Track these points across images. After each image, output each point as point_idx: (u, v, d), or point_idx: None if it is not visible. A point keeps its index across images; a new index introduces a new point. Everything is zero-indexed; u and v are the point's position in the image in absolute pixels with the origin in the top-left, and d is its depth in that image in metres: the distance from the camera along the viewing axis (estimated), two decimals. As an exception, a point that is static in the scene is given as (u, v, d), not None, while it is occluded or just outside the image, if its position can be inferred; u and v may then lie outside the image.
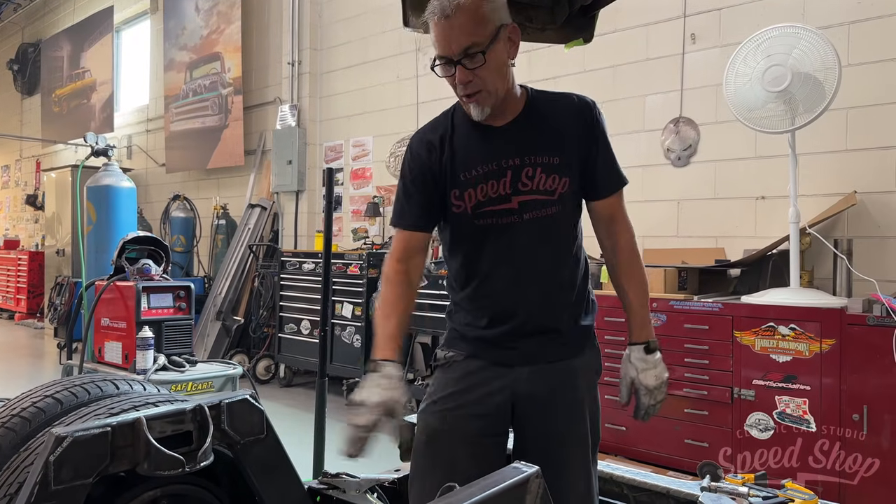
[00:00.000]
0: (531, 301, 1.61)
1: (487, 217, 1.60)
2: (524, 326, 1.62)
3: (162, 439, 1.38)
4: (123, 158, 9.72)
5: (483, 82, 1.50)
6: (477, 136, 1.61)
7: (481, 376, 1.64)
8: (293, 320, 5.92)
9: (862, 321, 2.94)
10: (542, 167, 1.57)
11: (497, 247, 1.61)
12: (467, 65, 1.48)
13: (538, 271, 1.61)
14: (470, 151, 1.61)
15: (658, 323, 3.50)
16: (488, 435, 1.62)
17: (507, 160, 1.57)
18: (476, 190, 1.59)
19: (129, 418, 1.35)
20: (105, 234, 4.79)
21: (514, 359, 1.63)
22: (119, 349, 3.21)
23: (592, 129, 1.61)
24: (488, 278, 1.64)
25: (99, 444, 1.29)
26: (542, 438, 1.62)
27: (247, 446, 1.53)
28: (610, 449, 3.62)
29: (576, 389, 1.64)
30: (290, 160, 6.69)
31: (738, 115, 3.38)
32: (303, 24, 6.84)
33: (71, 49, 10.85)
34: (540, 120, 1.60)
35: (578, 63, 4.67)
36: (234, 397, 1.52)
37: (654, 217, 4.38)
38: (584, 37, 2.26)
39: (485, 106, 1.53)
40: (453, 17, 1.45)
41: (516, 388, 1.62)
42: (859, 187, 3.63)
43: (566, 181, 1.58)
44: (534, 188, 1.57)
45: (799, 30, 3.23)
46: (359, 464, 3.89)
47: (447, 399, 1.65)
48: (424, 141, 1.67)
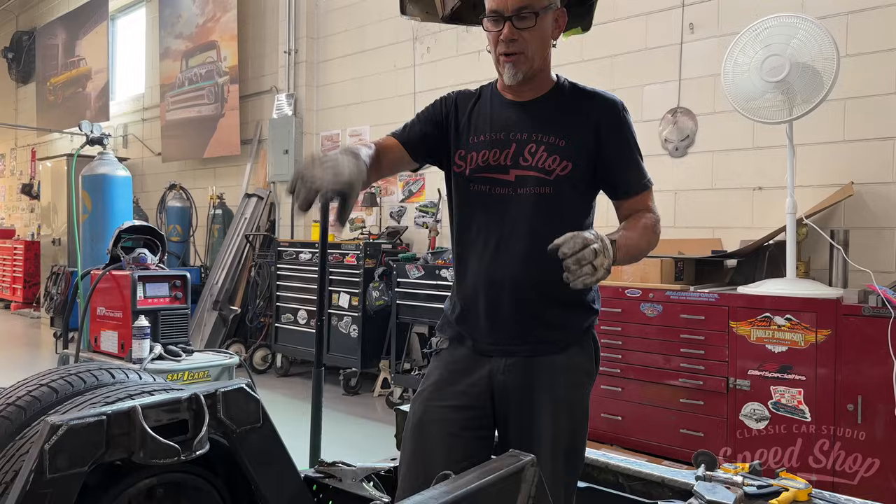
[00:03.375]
0: (514, 281, 1.58)
1: (482, 183, 1.61)
2: (502, 307, 1.58)
3: (157, 428, 1.38)
4: (119, 147, 9.68)
5: (525, 45, 1.54)
6: (497, 105, 1.66)
7: (463, 365, 1.63)
8: (290, 310, 5.92)
9: (857, 312, 2.95)
10: (545, 146, 1.57)
11: (487, 216, 1.61)
12: (517, 24, 1.52)
13: (526, 250, 1.57)
14: (484, 118, 1.65)
15: (654, 313, 3.51)
16: (471, 428, 1.59)
17: (515, 133, 1.60)
18: (478, 154, 1.62)
19: (124, 407, 1.35)
20: (100, 224, 4.77)
21: (492, 347, 1.61)
22: (115, 338, 3.21)
23: (613, 127, 1.60)
24: (473, 248, 1.63)
25: (94, 432, 1.29)
26: (517, 438, 1.57)
27: (242, 435, 1.53)
28: (605, 438, 3.64)
29: (554, 389, 1.56)
30: (287, 150, 6.66)
31: (735, 105, 3.38)
32: (299, 12, 6.79)
33: (66, 37, 10.77)
34: (559, 103, 1.62)
35: (577, 52, 4.65)
36: (229, 386, 1.52)
37: (652, 207, 4.37)
38: (582, 25, 2.25)
39: (519, 70, 1.56)
40: None
41: (494, 379, 1.59)
42: (856, 178, 3.63)
43: (567, 165, 1.57)
44: (533, 164, 1.58)
45: (797, 19, 3.21)
46: (355, 453, 3.90)
47: (431, 389, 1.65)
48: (453, 97, 1.72)
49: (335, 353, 5.49)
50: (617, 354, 3.58)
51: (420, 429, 1.62)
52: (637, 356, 3.56)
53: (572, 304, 1.63)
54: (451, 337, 1.69)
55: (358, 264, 5.40)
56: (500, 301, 1.60)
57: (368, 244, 5.46)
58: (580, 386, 1.62)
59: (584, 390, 1.63)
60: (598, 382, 1.70)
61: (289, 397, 5.25)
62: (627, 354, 3.58)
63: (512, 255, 1.59)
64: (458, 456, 1.55)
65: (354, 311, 5.38)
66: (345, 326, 5.45)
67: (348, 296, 5.44)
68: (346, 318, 5.44)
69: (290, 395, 5.32)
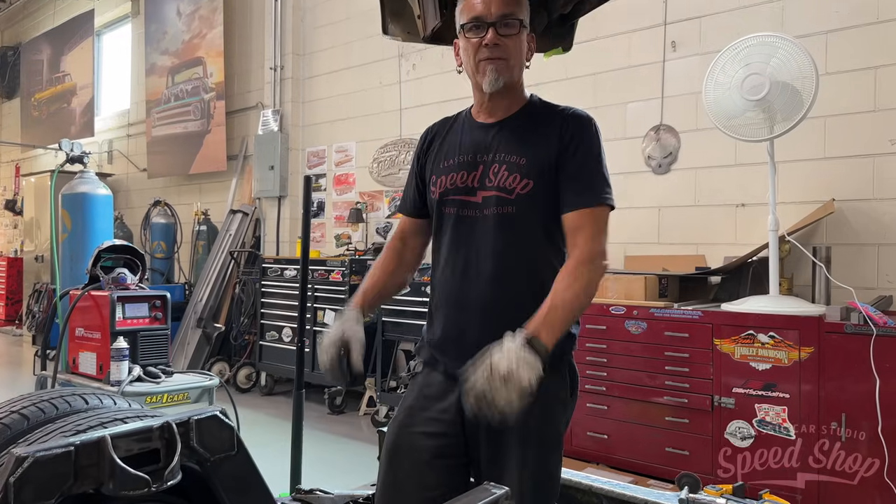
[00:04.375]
0: (481, 303, 1.56)
1: (451, 206, 1.62)
2: (472, 331, 1.56)
3: (128, 458, 1.35)
4: (104, 163, 9.63)
5: (508, 52, 1.56)
6: (468, 129, 1.67)
7: (436, 390, 1.60)
8: (274, 328, 5.87)
9: (840, 329, 2.95)
10: (507, 165, 1.57)
11: (456, 238, 1.61)
12: (500, 30, 1.54)
13: (492, 272, 1.55)
14: (455, 142, 1.67)
15: (639, 331, 3.50)
16: (443, 456, 1.55)
17: (482, 155, 1.61)
18: (447, 177, 1.63)
19: (93, 437, 1.32)
20: (80, 243, 4.72)
21: (461, 371, 1.53)
22: (93, 360, 3.15)
23: (570, 138, 1.56)
24: (443, 271, 1.64)
25: (62, 463, 1.26)
26: (488, 466, 1.54)
27: (217, 463, 1.50)
28: (591, 457, 3.62)
29: (524, 415, 1.39)
30: (273, 165, 6.65)
31: (717, 123, 3.40)
32: (285, 28, 6.81)
33: (51, 53, 10.72)
34: (528, 121, 1.62)
35: (560, 70, 4.68)
36: (203, 413, 1.49)
37: (636, 224, 4.39)
38: (563, 46, 2.26)
39: (500, 75, 1.56)
40: None
41: (463, 405, 1.51)
42: (838, 195, 3.66)
43: (528, 183, 1.54)
44: (496, 185, 1.57)
45: (777, 39, 3.25)
46: (338, 476, 3.85)
47: (404, 415, 1.63)
48: (429, 131, 1.77)
49: (320, 372, 5.43)
50: (602, 372, 3.56)
51: (393, 456, 1.60)
52: (622, 374, 3.55)
53: None
54: (426, 361, 1.67)
55: (343, 281, 5.37)
56: (468, 324, 1.58)
57: (354, 260, 5.43)
58: (552, 415, 1.56)
59: (557, 420, 1.57)
60: (584, 400, 1.68)
61: (272, 416, 5.20)
62: (612, 372, 3.56)
63: (478, 277, 1.57)
64: (430, 483, 1.53)
65: (340, 329, 5.33)
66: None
67: (333, 313, 5.40)
68: (332, 335, 5.39)
69: (274, 414, 5.26)
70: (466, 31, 1.57)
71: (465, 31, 1.57)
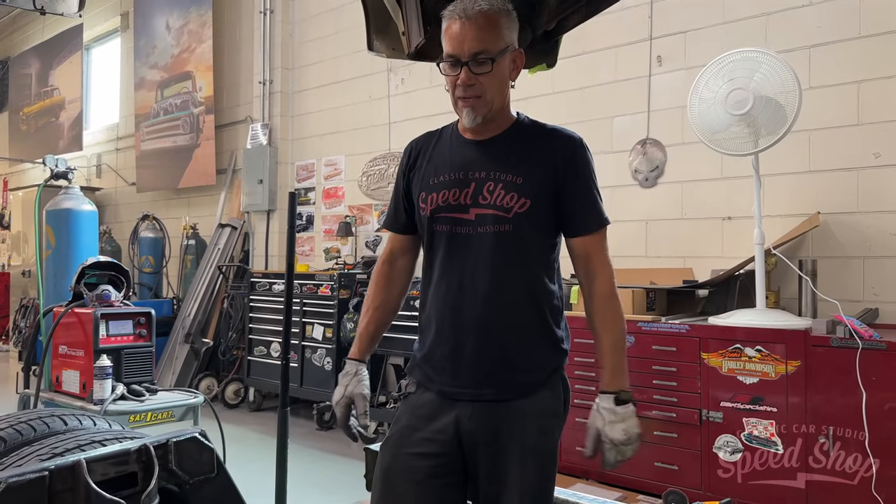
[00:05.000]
0: (477, 320, 1.56)
1: (444, 223, 1.61)
2: (466, 349, 1.56)
3: (105, 482, 1.33)
4: (93, 177, 9.58)
5: (483, 89, 1.55)
6: (457, 145, 1.66)
7: (430, 410, 1.59)
8: (263, 342, 5.83)
9: (826, 343, 2.96)
10: (503, 184, 1.57)
11: (449, 256, 1.60)
12: (474, 69, 1.53)
13: (488, 290, 1.56)
14: (444, 158, 1.66)
15: (627, 344, 3.49)
16: (438, 476, 1.55)
17: (474, 172, 1.60)
18: (439, 194, 1.61)
19: (68, 461, 1.30)
20: (64, 259, 4.67)
21: (457, 391, 1.58)
22: (77, 378, 3.12)
23: (569, 162, 1.59)
24: (437, 290, 1.62)
25: (35, 489, 1.24)
26: (486, 485, 1.54)
27: (196, 486, 1.48)
28: (580, 472, 3.60)
29: (522, 435, 1.53)
30: (262, 179, 6.63)
31: (702, 137, 3.42)
32: (274, 43, 6.82)
33: (40, 67, 10.69)
34: (517, 141, 1.62)
35: (548, 85, 4.70)
36: (182, 435, 1.48)
37: (623, 237, 4.39)
38: (547, 62, 2.27)
39: (477, 114, 1.58)
40: (473, 20, 1.52)
41: (460, 426, 1.55)
42: (823, 208, 3.68)
43: (525, 202, 1.55)
44: (491, 203, 1.57)
45: (759, 54, 3.28)
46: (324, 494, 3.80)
47: (398, 436, 1.61)
48: (410, 147, 1.76)
49: (308, 387, 5.40)
50: (591, 387, 3.55)
51: (387, 478, 1.59)
52: (611, 388, 3.54)
53: (538, 345, 1.60)
54: (419, 380, 1.66)
55: (332, 295, 5.34)
56: (464, 343, 1.57)
57: (343, 274, 5.41)
58: (549, 431, 1.58)
59: (553, 435, 1.60)
60: (574, 415, 1.67)
61: (260, 433, 5.15)
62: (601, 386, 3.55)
63: (474, 295, 1.57)
64: None
65: (328, 343, 5.31)
66: (318, 359, 5.38)
67: (322, 327, 5.38)
68: (320, 350, 5.37)
69: (262, 430, 5.21)
70: (443, 66, 1.57)
71: (442, 66, 1.58)
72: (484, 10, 1.52)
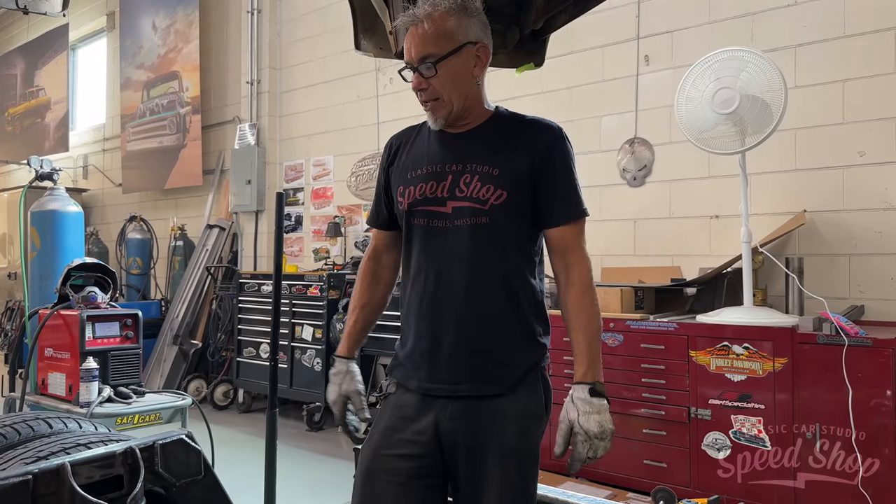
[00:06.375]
0: (456, 315, 1.55)
1: (421, 216, 1.60)
2: (443, 344, 1.55)
3: (90, 485, 1.32)
4: (79, 178, 9.50)
5: (438, 91, 1.55)
6: (434, 139, 1.65)
7: (410, 411, 1.58)
8: (252, 344, 5.80)
9: (812, 340, 2.98)
10: (479, 175, 1.56)
11: (427, 250, 1.59)
12: (424, 73, 1.54)
13: (466, 283, 1.54)
14: (422, 152, 1.66)
15: (615, 343, 3.51)
16: (419, 477, 1.54)
17: (450, 165, 1.59)
18: (416, 188, 1.61)
19: (52, 464, 1.28)
20: (50, 261, 4.63)
21: (434, 387, 1.57)
22: (63, 381, 3.09)
23: (547, 152, 1.57)
24: (415, 284, 1.61)
25: (19, 493, 1.23)
26: (466, 486, 1.53)
27: (183, 489, 1.47)
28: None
29: (501, 434, 1.51)
30: (250, 180, 6.60)
31: (689, 136, 3.43)
32: (262, 43, 6.79)
33: (25, 67, 10.59)
34: (496, 132, 1.61)
35: (536, 84, 4.71)
36: (168, 437, 1.46)
37: (611, 236, 4.41)
38: (535, 61, 2.28)
39: (438, 115, 1.58)
40: (419, 25, 1.54)
41: (440, 426, 1.54)
42: (809, 206, 3.70)
43: (502, 193, 1.54)
44: (468, 195, 1.56)
45: (746, 53, 3.29)
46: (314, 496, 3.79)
47: (379, 436, 1.60)
48: (393, 142, 1.77)
49: (298, 388, 5.38)
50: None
51: (368, 479, 1.58)
52: (600, 386, 3.54)
53: (516, 340, 1.58)
54: (399, 380, 1.65)
55: (321, 296, 5.33)
56: (441, 338, 1.56)
57: (332, 275, 5.40)
58: (528, 432, 1.56)
59: (534, 435, 1.58)
60: (555, 413, 1.65)
61: (249, 434, 5.12)
62: (590, 385, 3.55)
63: (451, 289, 1.56)
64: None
65: (318, 344, 5.30)
66: (308, 360, 5.36)
67: (311, 328, 5.36)
68: (310, 350, 5.35)
69: (252, 432, 5.19)
70: (404, 71, 1.59)
71: (404, 71, 1.59)
72: (430, 14, 1.53)
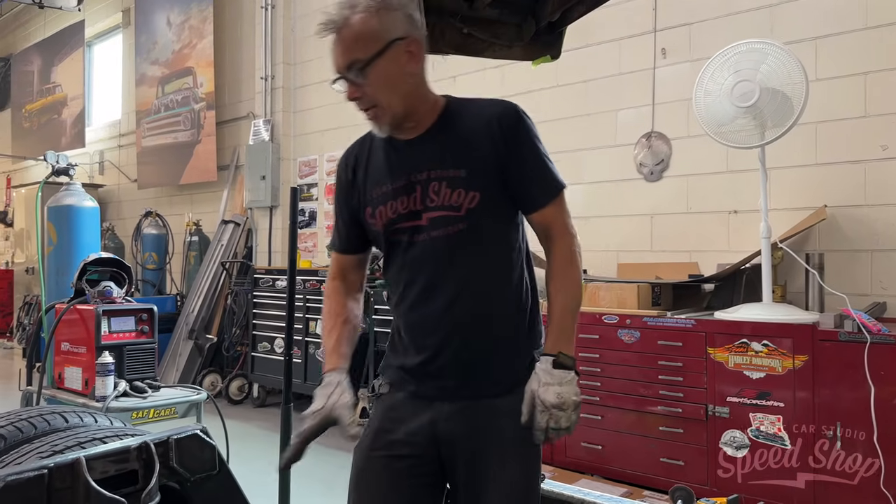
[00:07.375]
0: (447, 325, 1.50)
1: (400, 234, 1.53)
2: (440, 354, 1.51)
3: (105, 479, 1.31)
4: (95, 174, 9.57)
5: (373, 98, 1.46)
6: (390, 150, 1.55)
7: (403, 412, 1.54)
8: (267, 338, 5.82)
9: (834, 337, 2.93)
10: (447, 181, 1.48)
11: (410, 265, 1.53)
12: (352, 80, 1.46)
13: (455, 291, 1.49)
14: (381, 167, 1.56)
15: (632, 340, 3.47)
16: (413, 476, 1.51)
17: (415, 175, 1.50)
18: (387, 207, 1.53)
19: (67, 459, 1.28)
20: (66, 256, 4.66)
21: (432, 391, 1.52)
22: (79, 375, 3.10)
23: (510, 137, 1.49)
24: (404, 298, 1.56)
25: (34, 487, 1.22)
26: (468, 485, 1.50)
27: (197, 483, 1.46)
28: (585, 468, 3.58)
29: (501, 434, 1.48)
30: (264, 175, 6.61)
31: (707, 130, 3.38)
32: (276, 38, 6.79)
33: (41, 63, 10.68)
34: (450, 131, 1.51)
35: (552, 77, 4.66)
36: (183, 432, 1.46)
37: (628, 232, 4.37)
38: (551, 53, 2.24)
39: (381, 123, 1.49)
40: (339, 32, 1.46)
41: (437, 427, 1.50)
42: (830, 201, 3.64)
43: (474, 196, 1.47)
44: (441, 203, 1.48)
45: (766, 45, 3.24)
46: (328, 490, 3.78)
47: (371, 438, 1.57)
48: (345, 160, 1.67)
49: (312, 383, 5.38)
50: (596, 382, 3.53)
51: (360, 480, 1.56)
52: (616, 384, 3.52)
53: (511, 339, 1.55)
54: (391, 381, 1.61)
55: (335, 291, 5.31)
56: (439, 347, 1.51)
57: (346, 271, 5.38)
58: (529, 430, 1.50)
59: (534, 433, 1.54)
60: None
61: (264, 429, 5.14)
62: (606, 382, 3.53)
63: (443, 299, 1.50)
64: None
65: (332, 339, 5.28)
66: (322, 355, 5.36)
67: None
68: (324, 346, 5.34)
69: (266, 426, 5.20)
70: (336, 83, 1.49)
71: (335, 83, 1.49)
72: (348, 18, 1.45)
